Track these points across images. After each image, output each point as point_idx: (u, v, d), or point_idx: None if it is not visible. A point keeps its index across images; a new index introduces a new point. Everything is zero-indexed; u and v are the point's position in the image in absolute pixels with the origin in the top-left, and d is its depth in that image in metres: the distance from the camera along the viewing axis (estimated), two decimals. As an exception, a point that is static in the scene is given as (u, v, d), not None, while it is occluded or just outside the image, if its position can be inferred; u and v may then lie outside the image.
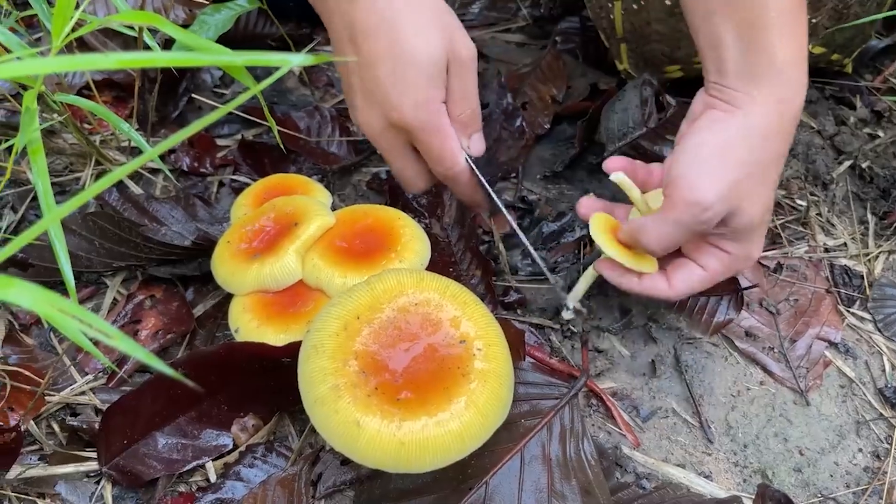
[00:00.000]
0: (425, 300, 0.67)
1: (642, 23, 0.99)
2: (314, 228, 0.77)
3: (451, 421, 0.61)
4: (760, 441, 0.77)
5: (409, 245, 0.77)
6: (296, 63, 0.32)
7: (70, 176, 0.99)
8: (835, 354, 0.85)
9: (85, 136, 0.95)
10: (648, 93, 1.00)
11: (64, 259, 0.57)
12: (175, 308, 0.86)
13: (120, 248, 0.85)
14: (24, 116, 0.55)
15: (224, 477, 0.72)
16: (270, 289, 0.75)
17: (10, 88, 1.04)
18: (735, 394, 0.81)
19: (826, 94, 1.11)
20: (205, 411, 0.74)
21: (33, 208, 0.96)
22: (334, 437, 0.61)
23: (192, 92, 1.11)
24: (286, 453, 0.74)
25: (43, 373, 0.78)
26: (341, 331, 0.64)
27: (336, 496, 0.72)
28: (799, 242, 0.94)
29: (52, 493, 0.71)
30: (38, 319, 0.85)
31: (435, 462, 0.61)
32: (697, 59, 1.01)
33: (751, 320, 0.86)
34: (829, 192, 0.99)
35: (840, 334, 0.86)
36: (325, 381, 0.61)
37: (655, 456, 0.76)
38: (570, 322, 0.85)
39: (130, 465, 0.72)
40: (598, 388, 0.79)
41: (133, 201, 0.90)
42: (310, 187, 0.86)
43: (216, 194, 1.00)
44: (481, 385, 0.63)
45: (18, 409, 0.75)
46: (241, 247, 0.77)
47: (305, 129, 1.06)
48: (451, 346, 0.65)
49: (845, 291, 0.89)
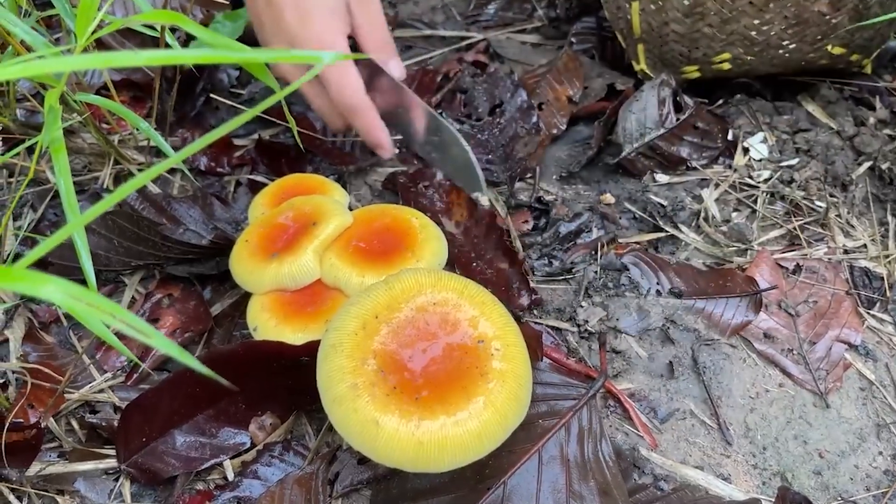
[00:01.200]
0: (443, 300, 0.67)
1: (660, 23, 0.99)
2: (332, 228, 0.77)
3: (469, 420, 0.61)
4: (780, 443, 0.77)
5: (427, 245, 0.77)
6: (327, 60, 0.32)
7: (89, 175, 1.00)
8: (855, 357, 0.84)
9: (104, 135, 0.95)
10: (666, 93, 1.00)
11: (86, 257, 0.57)
12: (192, 307, 0.86)
13: (139, 246, 0.86)
14: (47, 115, 0.55)
15: (241, 475, 0.72)
16: (288, 288, 0.76)
17: (29, 88, 1.05)
18: (754, 395, 0.80)
19: (845, 95, 1.10)
20: (223, 410, 0.74)
21: (52, 207, 0.97)
22: (353, 436, 0.61)
23: (210, 92, 1.11)
24: (303, 452, 0.74)
25: (63, 370, 0.79)
26: (360, 330, 0.64)
27: (353, 495, 0.72)
28: (818, 244, 0.93)
29: (71, 490, 0.72)
30: (57, 318, 0.86)
31: (453, 462, 0.61)
32: (715, 60, 1.01)
33: (769, 322, 0.85)
34: (849, 194, 0.98)
35: (860, 336, 0.85)
36: (343, 380, 0.61)
37: (673, 457, 0.75)
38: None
39: (149, 462, 0.72)
40: (616, 389, 0.79)
41: (151, 200, 0.91)
42: (327, 187, 0.86)
43: (233, 193, 1.00)
44: (500, 385, 0.63)
45: (38, 406, 0.76)
46: (259, 246, 0.77)
47: (321, 129, 1.06)
48: (470, 345, 0.65)
49: (865, 293, 0.89)
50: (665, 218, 0.96)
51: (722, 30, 0.96)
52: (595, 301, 0.87)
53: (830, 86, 1.10)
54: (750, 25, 0.95)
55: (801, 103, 1.09)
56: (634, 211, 0.97)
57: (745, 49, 0.98)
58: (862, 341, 0.85)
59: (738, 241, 0.93)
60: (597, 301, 0.87)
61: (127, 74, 1.12)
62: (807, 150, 1.03)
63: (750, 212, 0.98)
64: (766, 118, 1.07)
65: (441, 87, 1.14)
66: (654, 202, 0.97)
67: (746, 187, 1.00)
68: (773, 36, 0.96)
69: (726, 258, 0.92)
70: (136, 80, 1.10)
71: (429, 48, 1.23)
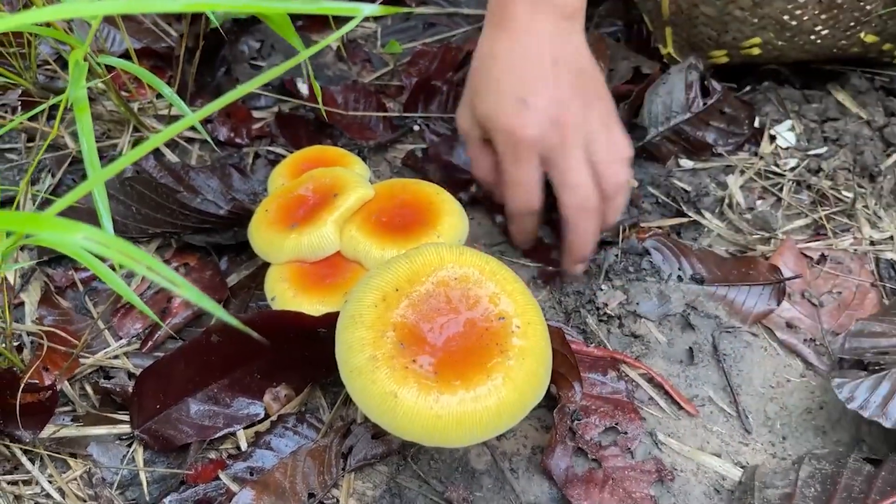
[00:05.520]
0: (465, 275, 0.66)
1: (690, 5, 0.97)
2: (353, 200, 0.76)
3: (488, 397, 0.60)
4: (800, 433, 0.76)
5: (448, 220, 0.76)
6: (367, 12, 0.31)
7: (108, 142, 0.99)
8: (878, 349, 0.83)
9: (124, 102, 0.95)
10: (694, 77, 0.98)
11: (106, 217, 0.57)
12: (209, 277, 0.85)
13: (156, 214, 0.85)
14: (73, 72, 0.55)
15: (255, 445, 0.72)
16: (307, 259, 0.75)
17: (51, 52, 1.04)
18: (774, 385, 0.79)
19: (876, 85, 1.08)
20: (237, 379, 0.74)
21: (70, 173, 0.97)
22: (371, 408, 0.60)
23: (230, 62, 1.10)
24: (317, 425, 0.74)
25: (78, 335, 0.79)
26: (380, 302, 0.63)
27: (366, 469, 0.71)
28: (844, 234, 0.92)
29: (84, 454, 0.71)
30: (73, 283, 0.86)
31: (472, 437, 0.60)
32: (745, 45, 0.99)
33: (792, 311, 0.84)
34: (877, 185, 0.96)
35: (884, 329, 0.83)
36: (363, 351, 0.61)
37: (691, 444, 0.74)
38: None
39: (162, 429, 0.72)
40: (645, 366, 0.78)
41: (169, 169, 0.90)
42: (348, 159, 0.85)
43: (252, 165, 1.00)
44: (519, 362, 0.62)
45: (53, 369, 0.76)
46: (279, 216, 0.77)
47: (342, 104, 1.05)
48: (490, 321, 0.64)
49: (890, 285, 0.87)
50: (688, 203, 0.94)
51: (754, 13, 0.94)
52: (615, 284, 0.86)
53: (861, 75, 1.08)
54: (783, 9, 0.93)
55: (831, 92, 1.07)
56: (658, 195, 0.96)
57: (777, 34, 0.96)
58: (886, 334, 0.83)
59: (762, 229, 0.92)
60: (617, 285, 0.86)
61: (148, 43, 1.11)
62: (835, 139, 1.01)
63: (775, 200, 0.96)
64: (794, 106, 1.05)
65: (463, 64, 1.12)
66: (677, 187, 0.96)
67: (772, 175, 0.98)
68: (805, 21, 0.94)
69: (749, 246, 0.90)
70: (157, 50, 1.09)
71: (451, 26, 1.22)
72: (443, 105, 1.05)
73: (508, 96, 0.77)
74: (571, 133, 0.77)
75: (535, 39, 0.79)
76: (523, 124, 0.76)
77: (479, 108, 0.79)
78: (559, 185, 0.79)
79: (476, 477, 0.71)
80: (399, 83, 1.12)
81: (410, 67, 1.13)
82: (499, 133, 0.78)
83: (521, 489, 0.70)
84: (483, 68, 0.80)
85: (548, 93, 0.77)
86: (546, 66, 0.78)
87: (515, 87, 0.77)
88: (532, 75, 0.78)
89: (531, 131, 0.76)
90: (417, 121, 1.05)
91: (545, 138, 0.76)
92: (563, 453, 0.70)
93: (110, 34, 1.10)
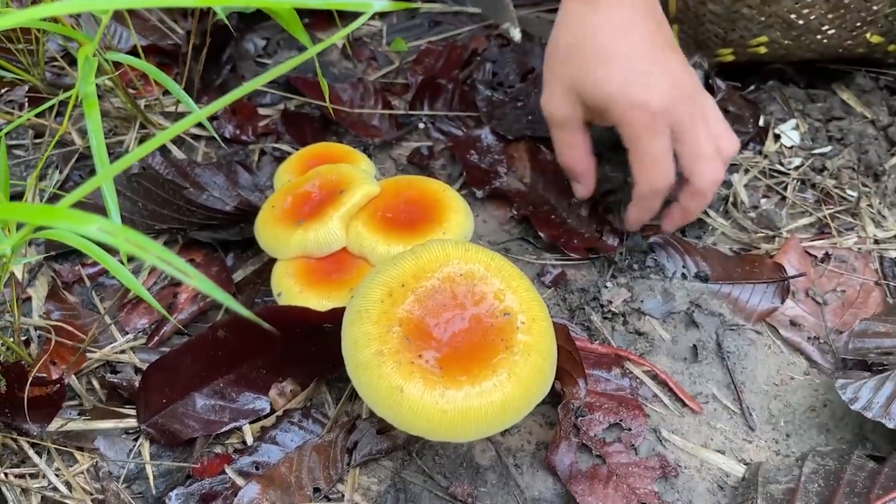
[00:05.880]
0: (470, 271, 0.66)
1: (697, 2, 0.97)
2: (359, 196, 0.77)
3: (493, 392, 0.60)
4: (803, 431, 0.76)
5: (454, 217, 0.77)
6: (377, 7, 0.31)
7: (114, 139, 1.00)
8: (882, 348, 0.83)
9: (131, 98, 0.95)
10: (699, 75, 0.98)
11: (114, 211, 0.57)
12: (215, 272, 0.86)
13: (163, 210, 0.86)
14: (82, 68, 0.55)
15: (260, 440, 0.72)
16: (314, 254, 0.75)
17: (58, 49, 1.05)
18: (778, 382, 0.79)
19: (880, 85, 1.08)
20: (243, 374, 0.74)
21: (77, 169, 0.97)
22: (377, 403, 0.60)
23: (236, 60, 1.11)
24: (322, 420, 0.74)
25: (85, 330, 0.79)
26: (386, 297, 0.64)
27: (371, 464, 0.72)
28: (848, 233, 0.92)
29: (91, 448, 0.72)
30: (80, 278, 0.86)
31: (477, 432, 0.61)
32: (751, 43, 0.99)
33: (796, 309, 0.84)
34: (881, 184, 0.96)
35: (888, 328, 0.83)
36: (369, 346, 0.61)
37: (695, 441, 0.74)
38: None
39: (169, 424, 0.72)
40: (650, 363, 0.78)
41: (176, 166, 0.90)
42: (354, 156, 0.86)
43: (257, 162, 1.00)
44: (524, 358, 0.62)
45: (60, 363, 0.76)
46: (285, 212, 0.77)
47: (348, 101, 1.06)
48: (495, 317, 0.64)
49: (894, 284, 0.87)
50: (693, 202, 0.95)
51: (761, 11, 0.94)
52: (620, 282, 0.86)
53: (865, 74, 1.08)
54: (790, 8, 0.93)
55: (836, 91, 1.07)
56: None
57: (783, 33, 0.96)
58: (890, 332, 0.83)
59: (766, 227, 0.92)
60: (621, 282, 0.86)
61: (154, 40, 1.11)
62: (839, 138, 1.01)
63: (779, 199, 0.96)
64: (798, 105, 1.05)
65: (469, 62, 1.12)
66: (682, 185, 0.96)
67: (776, 174, 0.98)
68: (812, 20, 0.94)
69: (754, 244, 0.91)
70: (163, 47, 1.10)
71: (457, 24, 1.22)
72: (448, 103, 1.06)
73: (632, 71, 0.75)
74: (697, 101, 0.76)
75: (630, 13, 0.77)
76: (659, 94, 0.74)
77: (599, 87, 0.76)
78: (694, 156, 0.76)
79: (480, 472, 0.71)
80: (404, 81, 1.12)
81: (416, 65, 1.13)
82: (632, 109, 0.75)
83: (525, 485, 0.70)
84: (584, 47, 0.77)
85: (666, 64, 0.76)
86: (654, 39, 0.76)
87: (635, 61, 0.75)
88: (646, 47, 0.76)
89: (665, 103, 0.74)
90: (423, 118, 1.05)
91: (676, 109, 0.75)
92: (567, 449, 0.70)
93: (117, 31, 1.10)
